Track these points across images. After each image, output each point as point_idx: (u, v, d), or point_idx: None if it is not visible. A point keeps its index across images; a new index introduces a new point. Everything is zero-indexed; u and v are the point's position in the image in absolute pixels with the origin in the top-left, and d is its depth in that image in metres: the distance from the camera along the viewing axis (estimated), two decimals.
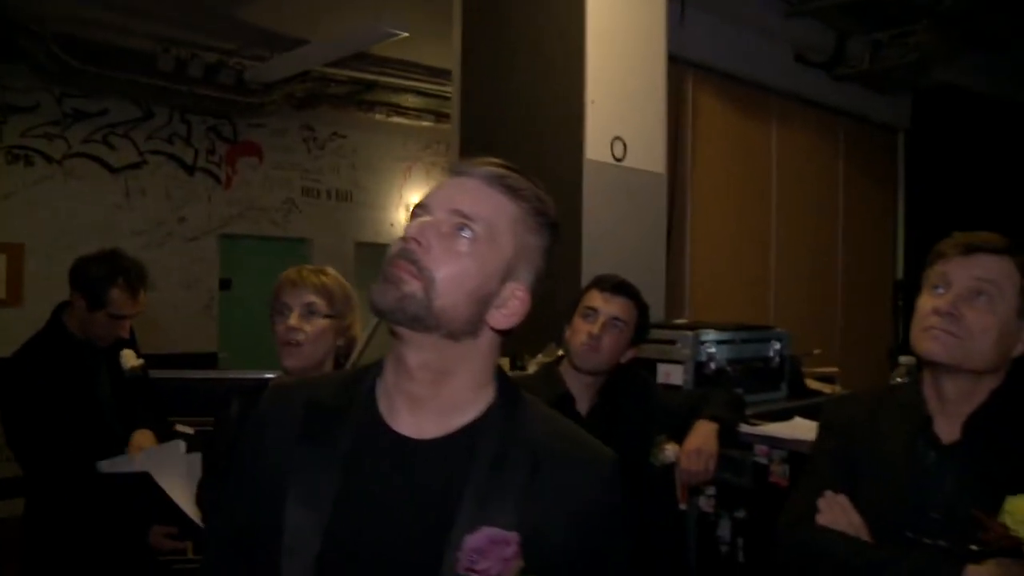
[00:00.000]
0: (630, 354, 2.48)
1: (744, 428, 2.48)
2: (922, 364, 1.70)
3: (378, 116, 7.88)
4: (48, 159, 6.66)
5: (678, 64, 4.69)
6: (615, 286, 2.45)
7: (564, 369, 2.47)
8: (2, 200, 6.48)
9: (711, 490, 2.58)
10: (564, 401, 2.41)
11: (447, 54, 4.07)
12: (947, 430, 1.63)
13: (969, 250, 1.64)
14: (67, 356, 2.91)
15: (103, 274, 2.87)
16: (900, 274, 6.32)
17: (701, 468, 2.32)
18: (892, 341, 5.94)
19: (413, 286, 1.15)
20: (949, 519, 1.55)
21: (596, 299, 2.43)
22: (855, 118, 6.02)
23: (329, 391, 1.28)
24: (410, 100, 7.50)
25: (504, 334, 1.24)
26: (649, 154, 3.76)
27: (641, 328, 2.48)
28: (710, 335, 2.81)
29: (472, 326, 1.19)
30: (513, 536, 1.13)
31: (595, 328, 2.38)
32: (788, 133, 5.51)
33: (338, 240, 8.02)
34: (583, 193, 3.46)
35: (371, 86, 7.12)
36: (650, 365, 2.82)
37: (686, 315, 4.56)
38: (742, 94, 5.19)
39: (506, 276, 1.21)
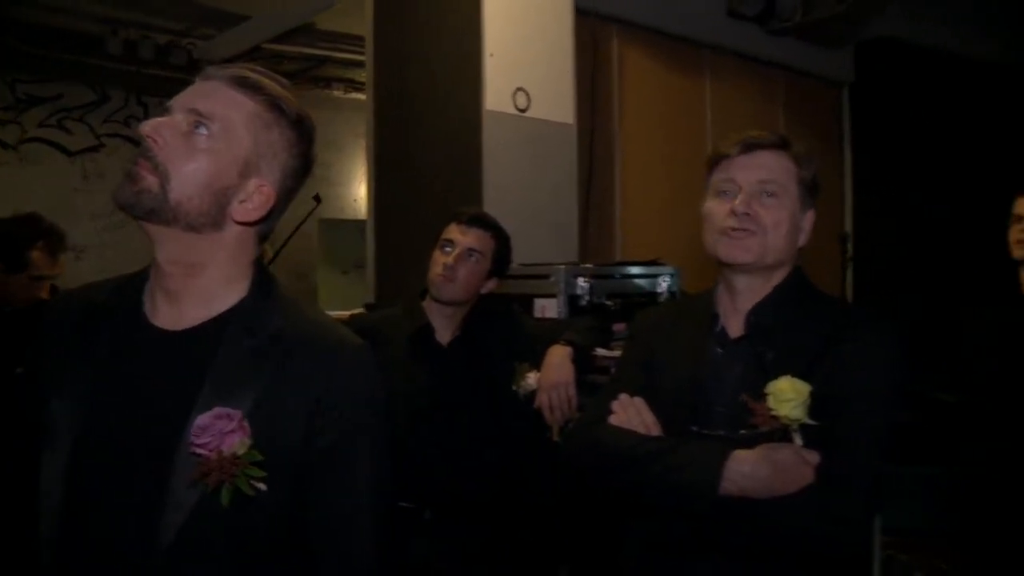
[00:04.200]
0: (491, 285, 2.54)
1: (600, 352, 2.54)
2: (720, 266, 1.76)
3: (336, 92, 7.93)
4: (3, 145, 6.75)
5: (601, 20, 4.73)
6: (471, 218, 2.51)
7: (427, 302, 2.54)
8: None
9: (578, 416, 2.64)
10: (423, 332, 2.48)
11: None
12: (735, 326, 1.69)
13: (749, 147, 1.69)
14: None
15: (23, 236, 2.93)
16: (848, 226, 6.35)
17: (561, 401, 2.36)
18: (840, 290, 5.98)
19: (149, 181, 1.22)
20: (732, 410, 1.60)
21: (453, 231, 2.50)
22: (795, 72, 6.02)
23: (104, 293, 1.35)
24: (365, 75, 7.54)
25: (253, 227, 1.31)
26: (556, 105, 3.82)
27: (500, 259, 2.54)
28: (584, 269, 2.87)
29: (212, 219, 1.26)
30: (236, 413, 1.19)
31: (450, 259, 2.44)
32: (723, 88, 5.53)
33: (303, 217, 8.06)
34: (483, 144, 3.52)
35: (323, 61, 7.16)
36: (528, 300, 2.88)
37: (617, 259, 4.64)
38: (672, 49, 5.21)
39: (247, 171, 1.27)
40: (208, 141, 1.24)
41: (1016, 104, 6.87)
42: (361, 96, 7.89)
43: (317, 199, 4.46)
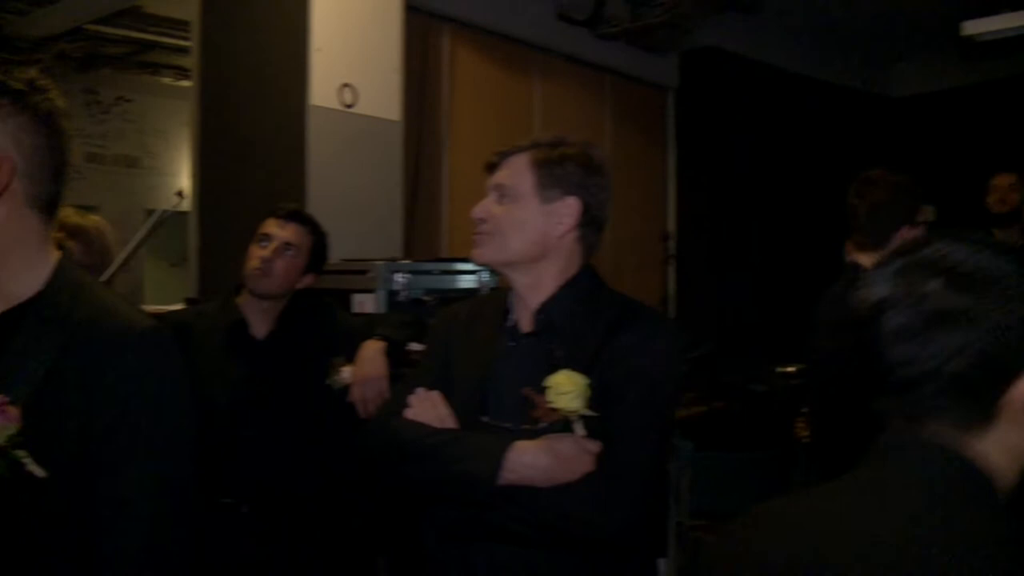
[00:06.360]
0: (307, 280, 2.57)
1: (414, 346, 2.59)
2: None
3: (165, 79, 7.70)
4: None
5: (433, 18, 4.80)
6: (288, 213, 2.54)
7: (243, 297, 2.54)
8: None
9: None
10: (238, 326, 2.49)
11: None
12: (526, 321, 1.77)
13: (502, 156, 1.79)
14: None
15: None
16: (671, 225, 6.65)
17: (374, 395, 2.41)
18: (662, 285, 6.27)
19: None
20: (520, 403, 1.66)
21: (271, 226, 2.52)
22: (623, 77, 6.26)
23: None
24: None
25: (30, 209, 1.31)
26: (383, 102, 3.85)
27: (317, 255, 2.57)
28: (402, 265, 2.93)
29: None
30: (2, 398, 1.20)
31: (267, 253, 2.46)
32: (552, 90, 5.69)
33: (127, 207, 7.79)
34: (307, 139, 3.52)
35: (151, 47, 6.93)
36: (345, 296, 2.92)
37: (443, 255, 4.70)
38: (503, 50, 5.33)
39: None
40: None
41: (826, 114, 7.38)
42: (190, 84, 7.70)
43: (180, 194, 4.21)
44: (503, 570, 1.63)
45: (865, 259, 2.79)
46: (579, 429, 1.59)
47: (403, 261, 3.01)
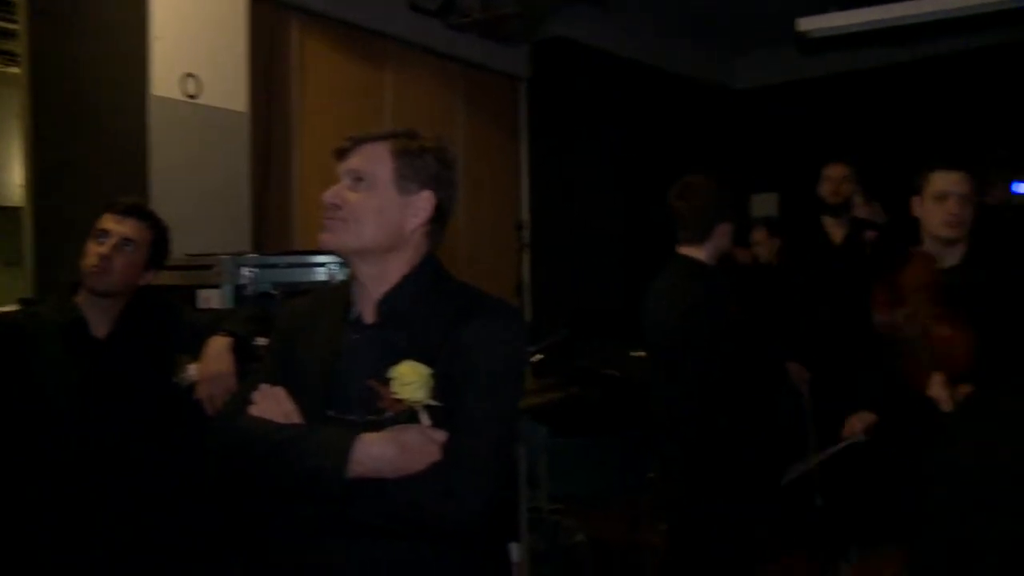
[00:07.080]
0: (149, 277, 2.51)
1: (261, 341, 2.56)
2: None
3: None
4: None
5: (281, 7, 4.72)
6: (126, 208, 2.47)
7: (81, 295, 2.46)
8: None
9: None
10: (76, 326, 2.42)
11: None
12: (369, 313, 1.77)
13: (355, 143, 1.77)
14: None
15: None
16: (524, 214, 6.74)
17: (221, 391, 2.36)
18: (517, 273, 6.34)
19: None
20: (365, 395, 1.67)
21: (108, 221, 2.44)
22: (475, 66, 6.29)
23: None
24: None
25: None
26: (228, 92, 3.78)
27: (158, 250, 2.51)
28: (248, 259, 2.89)
29: None
30: None
31: (104, 249, 2.39)
32: (404, 80, 5.68)
33: None
34: (148, 130, 3.42)
35: None
36: (190, 291, 2.86)
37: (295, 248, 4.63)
38: (354, 40, 5.28)
39: None
40: None
41: (673, 104, 7.64)
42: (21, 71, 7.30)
43: None
44: (357, 564, 1.64)
45: (692, 252, 3.06)
46: (424, 419, 1.61)
47: (249, 255, 2.96)
